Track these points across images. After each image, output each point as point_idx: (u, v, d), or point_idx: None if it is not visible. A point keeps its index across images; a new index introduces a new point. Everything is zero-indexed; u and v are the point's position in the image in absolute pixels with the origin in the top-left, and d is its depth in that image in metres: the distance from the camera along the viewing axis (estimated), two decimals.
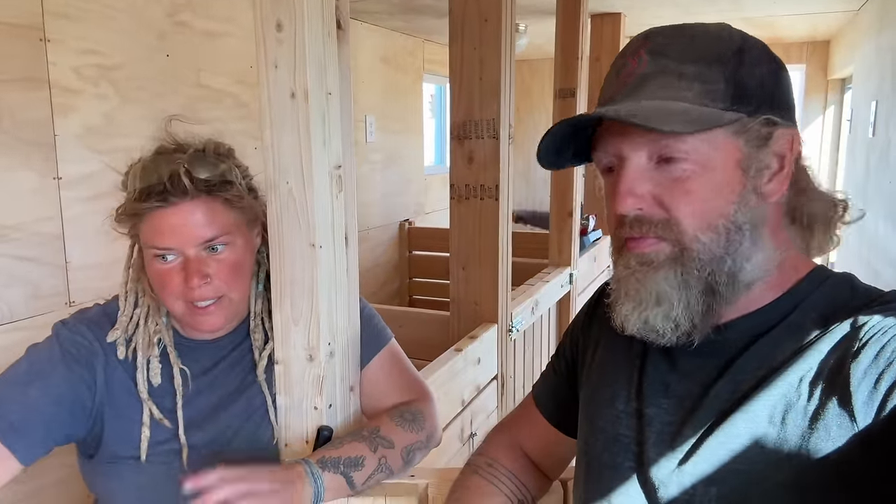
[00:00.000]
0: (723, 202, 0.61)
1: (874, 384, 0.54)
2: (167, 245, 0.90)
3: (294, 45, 0.92)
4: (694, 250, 0.61)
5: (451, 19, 1.71)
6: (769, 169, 0.62)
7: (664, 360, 0.70)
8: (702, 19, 2.68)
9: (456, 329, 1.82)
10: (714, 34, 0.64)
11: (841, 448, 0.54)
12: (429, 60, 4.50)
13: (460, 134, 1.73)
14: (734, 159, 0.61)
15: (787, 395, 0.59)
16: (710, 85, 0.60)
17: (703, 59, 0.61)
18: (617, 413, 0.72)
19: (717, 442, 0.61)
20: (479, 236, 1.75)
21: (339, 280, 1.02)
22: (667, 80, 0.61)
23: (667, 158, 0.61)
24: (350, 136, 1.03)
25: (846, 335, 0.58)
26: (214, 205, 0.92)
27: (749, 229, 0.61)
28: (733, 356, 0.64)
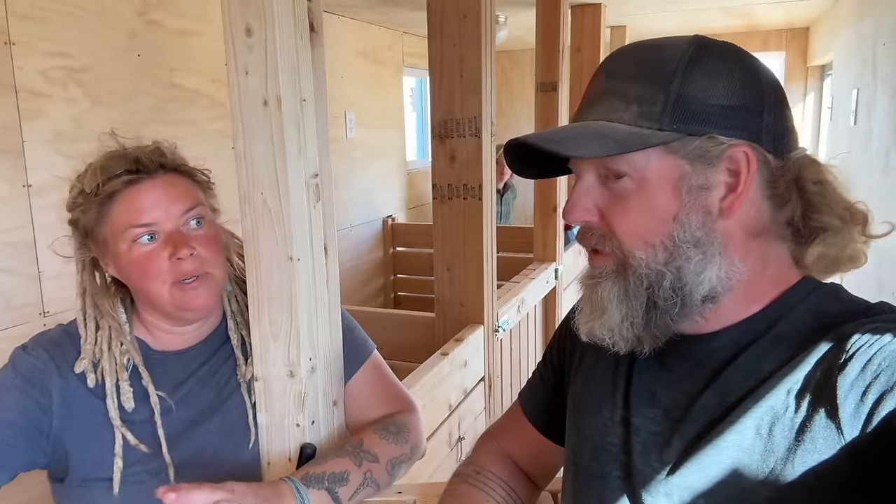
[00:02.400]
0: (659, 220, 0.62)
1: (861, 397, 0.54)
2: (148, 220, 0.89)
3: (265, 50, 0.88)
4: (633, 265, 0.63)
5: (430, 15, 1.67)
6: (718, 187, 0.61)
7: (651, 368, 0.69)
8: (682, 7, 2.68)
9: (441, 331, 1.79)
10: (665, 51, 0.63)
11: (828, 460, 0.54)
12: (408, 53, 4.45)
13: (441, 132, 1.70)
14: (671, 178, 0.61)
15: (774, 407, 0.58)
16: (648, 106, 0.61)
17: (646, 79, 0.62)
18: (604, 421, 0.71)
19: (704, 453, 0.61)
20: (464, 237, 1.72)
21: (319, 293, 0.99)
22: (611, 102, 0.63)
23: (615, 175, 0.63)
24: (326, 144, 1.00)
25: (832, 348, 0.58)
26: (186, 180, 0.93)
27: (695, 246, 0.61)
28: (720, 366, 0.64)
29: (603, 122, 0.63)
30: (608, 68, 0.66)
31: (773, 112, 0.62)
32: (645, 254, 0.62)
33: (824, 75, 4.60)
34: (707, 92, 0.60)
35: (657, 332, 0.64)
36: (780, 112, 0.63)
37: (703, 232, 0.61)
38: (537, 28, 2.43)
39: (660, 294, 0.62)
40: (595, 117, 0.64)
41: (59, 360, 0.91)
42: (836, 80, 3.27)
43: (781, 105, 0.64)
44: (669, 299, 0.62)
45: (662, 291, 0.62)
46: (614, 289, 0.64)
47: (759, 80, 0.62)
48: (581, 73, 3.18)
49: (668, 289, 0.61)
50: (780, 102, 0.63)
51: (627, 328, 0.64)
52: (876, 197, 2.23)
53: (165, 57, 2.30)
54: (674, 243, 0.61)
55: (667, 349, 0.67)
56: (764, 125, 0.61)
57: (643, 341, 0.65)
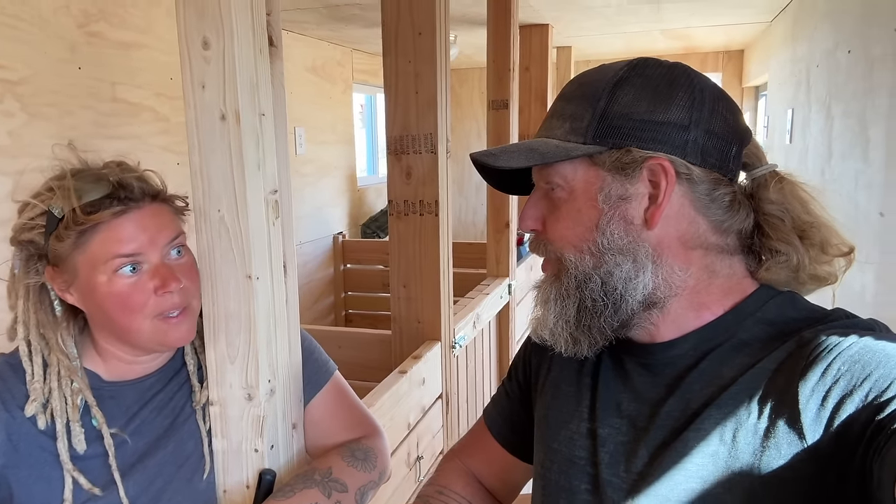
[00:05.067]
0: (584, 228, 0.65)
1: (821, 402, 0.55)
2: (133, 250, 0.84)
3: (223, 63, 0.85)
4: (567, 268, 0.67)
5: (384, 32, 1.67)
6: (639, 198, 0.63)
7: (616, 378, 0.71)
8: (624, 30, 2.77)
9: (398, 348, 1.77)
10: (603, 72, 0.67)
11: (792, 465, 0.56)
12: (358, 70, 4.44)
13: (397, 149, 1.69)
14: (594, 188, 0.65)
15: (737, 414, 0.60)
16: (576, 122, 0.66)
17: (579, 98, 0.67)
18: (571, 434, 0.72)
19: (670, 461, 0.62)
20: (420, 253, 1.71)
21: (279, 313, 0.96)
22: (552, 121, 0.69)
23: (551, 186, 0.67)
24: (286, 159, 0.97)
25: (792, 354, 0.59)
26: (168, 208, 0.90)
27: (621, 253, 0.64)
28: (681, 374, 0.65)
29: (542, 138, 0.69)
30: (561, 91, 0.71)
31: (705, 128, 0.63)
32: (574, 257, 0.66)
33: (759, 96, 4.81)
34: (630, 108, 0.64)
35: (591, 333, 0.67)
36: (712, 128, 0.63)
37: (626, 240, 0.64)
38: (488, 47, 2.46)
39: (589, 296, 0.65)
40: (539, 135, 0.70)
41: (4, 394, 0.85)
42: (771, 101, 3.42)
43: (719, 123, 0.64)
44: (599, 301, 0.65)
45: (591, 293, 0.65)
46: (551, 290, 0.68)
47: (692, 98, 0.64)
48: (530, 92, 3.24)
49: (597, 291, 0.65)
50: (717, 120, 0.64)
51: (562, 327, 0.67)
52: None
53: (107, 70, 2.22)
54: (599, 249, 0.65)
55: (628, 358, 0.70)
56: (690, 140, 0.63)
57: (579, 342, 0.67)
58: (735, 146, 0.65)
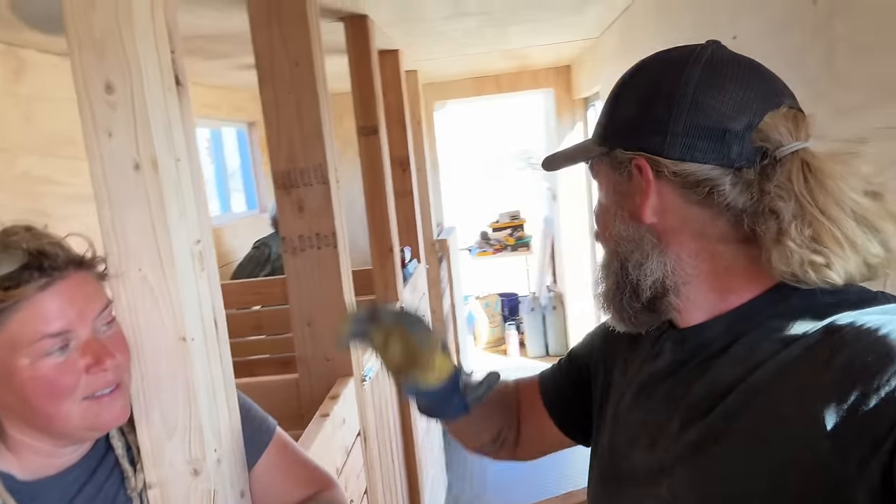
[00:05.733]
0: (605, 219, 0.74)
1: (847, 394, 0.53)
2: (62, 328, 0.73)
3: (132, 107, 0.77)
4: (606, 253, 0.75)
5: (259, 64, 1.59)
6: (632, 195, 0.69)
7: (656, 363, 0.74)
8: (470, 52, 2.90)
9: (308, 391, 1.68)
10: (622, 76, 0.74)
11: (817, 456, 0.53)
12: (200, 104, 4.20)
13: (286, 183, 1.62)
14: (609, 184, 0.73)
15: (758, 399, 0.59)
16: (599, 126, 0.74)
17: (604, 102, 0.74)
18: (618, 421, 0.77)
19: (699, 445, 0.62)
20: (323, 288, 1.64)
21: (215, 375, 0.88)
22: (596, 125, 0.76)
23: None
24: (205, 206, 0.90)
25: (820, 340, 0.58)
26: (91, 277, 0.79)
27: (629, 242, 0.70)
28: (713, 355, 0.66)
29: (587, 140, 0.77)
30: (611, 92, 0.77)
31: (686, 122, 0.63)
32: (604, 244, 0.76)
33: (588, 106, 5.23)
34: (622, 111, 0.71)
35: (623, 312, 0.73)
36: (696, 121, 0.63)
37: (629, 231, 0.70)
38: (351, 74, 2.44)
39: (617, 278, 0.72)
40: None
41: None
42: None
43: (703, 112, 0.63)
44: (622, 283, 0.72)
45: (617, 276, 0.72)
46: (601, 272, 0.76)
47: (674, 92, 0.64)
48: (389, 115, 3.26)
49: (620, 274, 0.72)
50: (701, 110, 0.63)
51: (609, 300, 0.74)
52: None
53: None
54: (615, 239, 0.72)
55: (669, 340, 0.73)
56: (669, 136, 0.64)
57: (620, 316, 0.74)
58: (735, 133, 0.63)
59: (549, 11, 2.77)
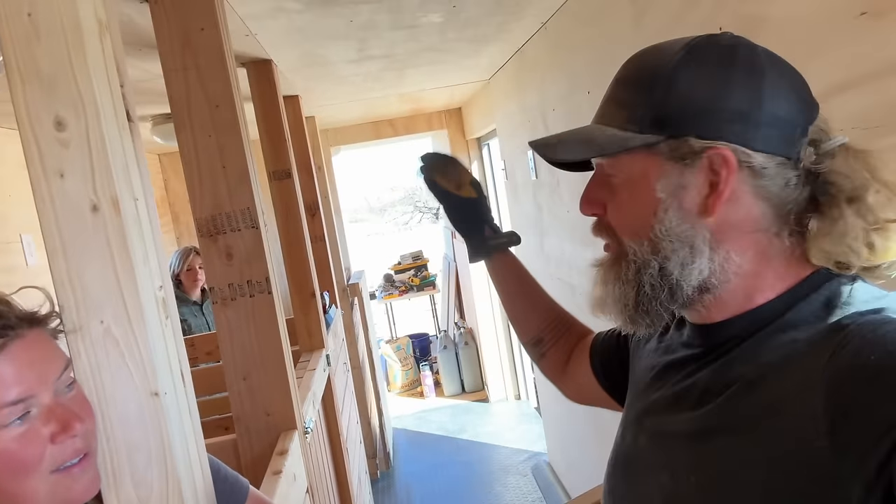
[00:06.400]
0: (643, 215, 0.67)
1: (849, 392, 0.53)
2: (21, 394, 0.64)
3: (88, 145, 0.71)
4: (626, 254, 0.69)
5: (175, 107, 1.52)
6: (699, 187, 0.64)
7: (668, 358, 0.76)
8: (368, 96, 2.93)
9: (249, 450, 1.57)
10: (659, 56, 0.66)
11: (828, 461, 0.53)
12: None
13: (211, 230, 1.53)
14: (653, 177, 0.66)
15: (769, 397, 0.59)
16: (633, 110, 0.67)
17: (636, 85, 0.67)
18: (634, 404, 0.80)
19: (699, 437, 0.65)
20: (258, 338, 1.55)
21: (188, 431, 0.80)
22: (610, 107, 0.70)
23: (610, 174, 0.70)
24: (162, 249, 0.83)
25: (826, 337, 0.58)
26: (47, 335, 0.71)
27: (678, 240, 0.65)
28: (725, 353, 0.67)
29: (599, 126, 0.70)
30: (617, 74, 0.71)
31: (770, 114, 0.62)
32: (634, 244, 0.68)
33: (482, 145, 5.40)
34: (689, 95, 0.63)
35: (648, 316, 0.69)
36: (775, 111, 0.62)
37: (683, 228, 0.65)
38: (258, 119, 2.39)
39: (647, 281, 0.67)
40: (596, 121, 0.71)
41: None
42: (504, 147, 3.87)
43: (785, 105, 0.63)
44: (657, 286, 0.66)
45: (650, 279, 0.67)
46: (610, 273, 0.71)
47: (758, 82, 0.63)
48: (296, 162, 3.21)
49: (655, 276, 0.66)
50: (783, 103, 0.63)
51: (620, 309, 0.70)
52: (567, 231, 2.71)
53: None
54: (657, 236, 0.66)
55: (679, 336, 0.75)
56: (751, 126, 0.62)
57: (637, 323, 0.70)
58: (800, 126, 0.64)
59: (449, 54, 2.86)
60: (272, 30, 2.00)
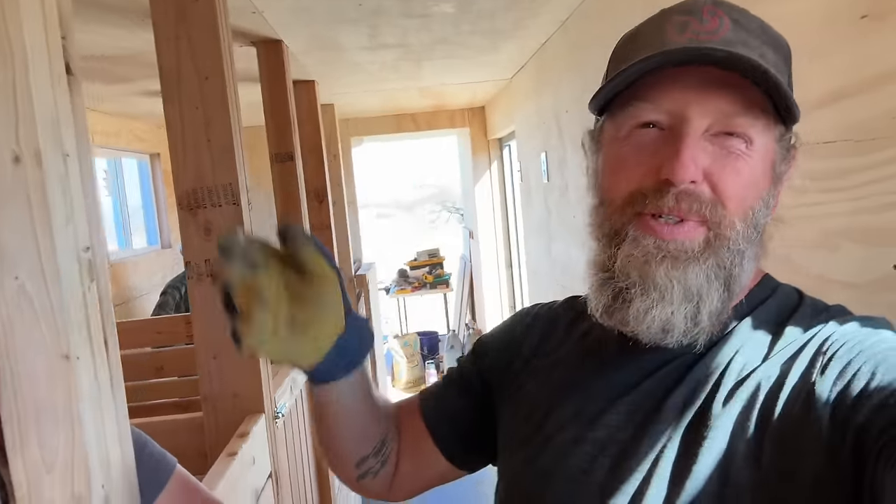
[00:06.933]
0: (756, 194, 0.59)
1: (839, 401, 0.52)
2: None
3: (13, 92, 0.68)
4: (727, 237, 0.58)
5: (164, 78, 1.51)
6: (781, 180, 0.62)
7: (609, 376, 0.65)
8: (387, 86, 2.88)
9: (213, 430, 1.55)
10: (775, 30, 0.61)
11: (809, 464, 0.52)
12: (98, 132, 3.97)
13: (191, 203, 1.52)
14: (771, 161, 0.60)
15: (750, 412, 0.56)
16: (784, 77, 0.58)
17: (779, 53, 0.59)
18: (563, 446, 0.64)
19: (678, 462, 0.57)
20: None
21: (105, 399, 0.77)
22: (753, 50, 0.56)
23: (728, 132, 0.57)
24: (97, 210, 0.80)
25: (805, 348, 0.57)
26: None
27: (759, 231, 0.61)
28: (689, 362, 0.61)
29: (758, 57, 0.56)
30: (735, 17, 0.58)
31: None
32: (742, 226, 0.58)
33: (503, 146, 5.36)
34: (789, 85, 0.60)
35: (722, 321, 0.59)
36: None
37: (767, 220, 0.61)
38: (265, 102, 2.38)
39: (736, 273, 0.59)
40: (747, 51, 0.55)
41: None
42: (521, 148, 3.81)
43: None
44: (738, 282, 0.59)
45: (738, 270, 0.58)
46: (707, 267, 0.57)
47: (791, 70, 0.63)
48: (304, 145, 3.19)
49: (737, 271, 0.59)
50: None
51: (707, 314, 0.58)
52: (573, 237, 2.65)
53: None
54: (755, 223, 0.59)
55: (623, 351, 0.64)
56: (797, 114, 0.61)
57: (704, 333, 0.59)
58: None
59: (465, 48, 2.82)
60: (278, 8, 1.99)
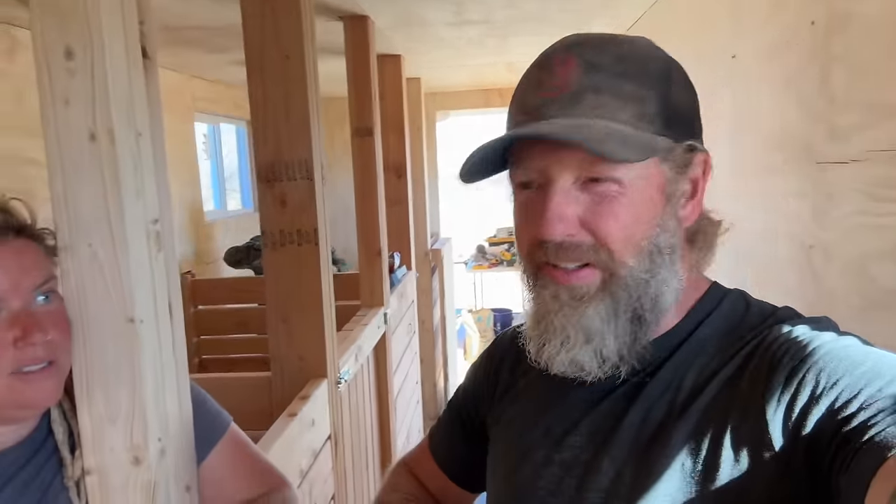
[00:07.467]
0: (646, 225, 0.59)
1: (787, 411, 0.53)
2: None
3: (91, 76, 0.74)
4: (622, 276, 0.58)
5: (248, 55, 1.57)
6: (686, 194, 0.61)
7: (572, 396, 0.66)
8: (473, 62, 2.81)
9: (280, 390, 1.64)
10: (644, 51, 0.61)
11: (763, 478, 0.53)
12: (199, 98, 4.18)
13: (269, 176, 1.59)
14: (658, 184, 0.59)
15: (702, 426, 0.57)
16: (644, 107, 0.57)
17: (638, 78, 0.58)
18: (534, 467, 0.66)
19: (636, 479, 0.58)
20: (300, 285, 1.61)
21: (166, 360, 0.84)
22: (602, 99, 0.57)
23: (594, 179, 0.58)
24: (166, 185, 0.87)
25: (752, 357, 0.58)
26: (37, 249, 0.77)
27: (668, 253, 0.60)
28: (641, 382, 0.62)
29: (605, 121, 0.57)
30: (586, 59, 0.58)
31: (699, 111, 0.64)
32: (635, 261, 0.58)
33: None
34: (687, 98, 0.61)
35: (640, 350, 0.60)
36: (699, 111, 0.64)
37: (675, 239, 0.60)
38: (348, 75, 2.43)
39: (645, 305, 0.59)
40: (584, 114, 0.57)
41: None
42: None
43: None
44: (650, 311, 0.59)
45: (647, 303, 0.59)
46: (603, 307, 0.59)
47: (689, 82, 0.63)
48: (386, 120, 3.24)
49: (650, 299, 0.59)
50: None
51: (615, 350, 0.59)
52: None
53: None
54: (657, 250, 0.59)
55: None
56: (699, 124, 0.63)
57: (625, 362, 0.60)
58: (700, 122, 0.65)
59: (552, 25, 2.76)
60: None
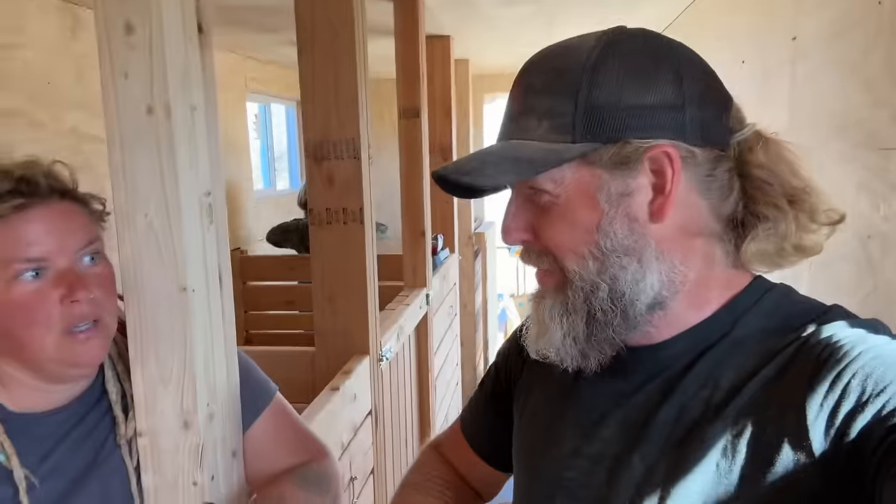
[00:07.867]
0: (583, 231, 0.60)
1: (831, 415, 0.52)
2: (37, 254, 0.74)
3: (150, 50, 0.76)
4: (569, 279, 0.61)
5: (300, 34, 1.59)
6: (643, 191, 0.58)
7: (602, 387, 0.65)
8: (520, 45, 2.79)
9: (324, 365, 1.68)
10: (571, 55, 0.59)
11: (801, 482, 0.52)
12: (251, 79, 4.26)
13: (318, 154, 1.61)
14: (590, 189, 0.59)
15: (739, 426, 0.55)
16: (559, 118, 0.58)
17: (554, 89, 0.59)
18: (559, 455, 0.66)
19: (669, 476, 0.57)
20: (345, 263, 1.63)
21: (216, 328, 0.87)
22: (526, 120, 0.60)
23: (537, 191, 0.61)
24: (219, 159, 0.89)
25: (796, 358, 0.56)
26: (82, 212, 0.80)
27: (626, 254, 0.59)
28: (676, 376, 0.61)
29: (519, 141, 0.60)
30: (524, 82, 0.62)
31: (697, 102, 0.58)
32: (577, 265, 0.60)
33: None
34: (617, 94, 0.57)
35: (601, 346, 0.62)
36: (705, 100, 0.58)
37: (632, 239, 0.59)
38: (397, 56, 2.43)
39: (598, 306, 0.60)
40: (512, 136, 0.61)
41: None
42: None
43: (707, 91, 0.59)
44: (609, 311, 0.60)
45: (600, 303, 0.60)
46: (555, 305, 0.62)
47: (677, 70, 0.58)
48: (434, 102, 3.24)
49: (605, 300, 0.60)
50: (705, 89, 0.59)
51: (570, 344, 0.62)
52: None
53: None
54: (602, 253, 0.59)
55: (617, 363, 0.63)
56: (687, 119, 0.57)
57: (588, 356, 0.62)
58: (725, 113, 0.60)
59: (600, 7, 2.70)
60: None
